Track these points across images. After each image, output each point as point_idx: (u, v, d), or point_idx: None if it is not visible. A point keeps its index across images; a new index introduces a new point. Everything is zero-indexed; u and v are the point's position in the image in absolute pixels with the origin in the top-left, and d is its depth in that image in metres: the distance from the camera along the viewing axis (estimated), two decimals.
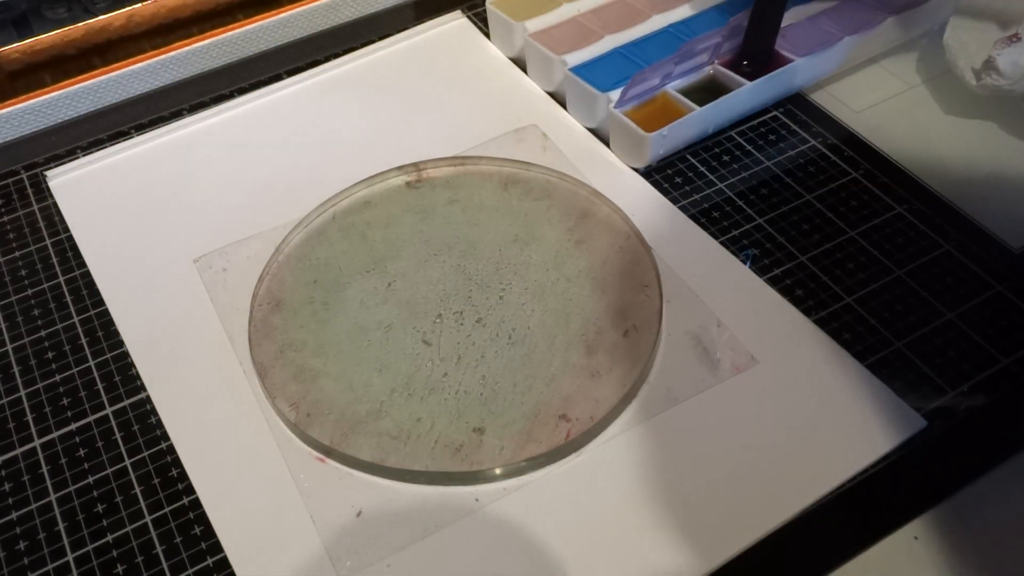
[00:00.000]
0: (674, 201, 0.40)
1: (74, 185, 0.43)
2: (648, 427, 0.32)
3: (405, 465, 0.31)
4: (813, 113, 0.43)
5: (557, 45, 0.44)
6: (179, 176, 0.43)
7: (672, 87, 0.42)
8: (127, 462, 0.33)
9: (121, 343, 0.36)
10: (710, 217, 0.39)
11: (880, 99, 0.44)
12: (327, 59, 0.49)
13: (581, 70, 0.43)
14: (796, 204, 0.39)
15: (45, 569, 0.30)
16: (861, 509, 0.30)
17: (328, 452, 0.32)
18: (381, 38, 0.50)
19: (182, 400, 0.34)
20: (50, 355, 0.36)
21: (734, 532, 0.29)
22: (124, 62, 0.48)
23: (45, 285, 0.39)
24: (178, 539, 0.30)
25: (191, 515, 0.31)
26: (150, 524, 0.31)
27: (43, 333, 0.37)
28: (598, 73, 0.42)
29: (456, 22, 0.51)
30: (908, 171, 0.40)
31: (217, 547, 0.30)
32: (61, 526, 0.31)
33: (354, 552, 0.29)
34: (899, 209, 0.39)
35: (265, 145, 0.44)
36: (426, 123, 0.45)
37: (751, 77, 0.41)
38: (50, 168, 0.44)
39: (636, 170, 0.41)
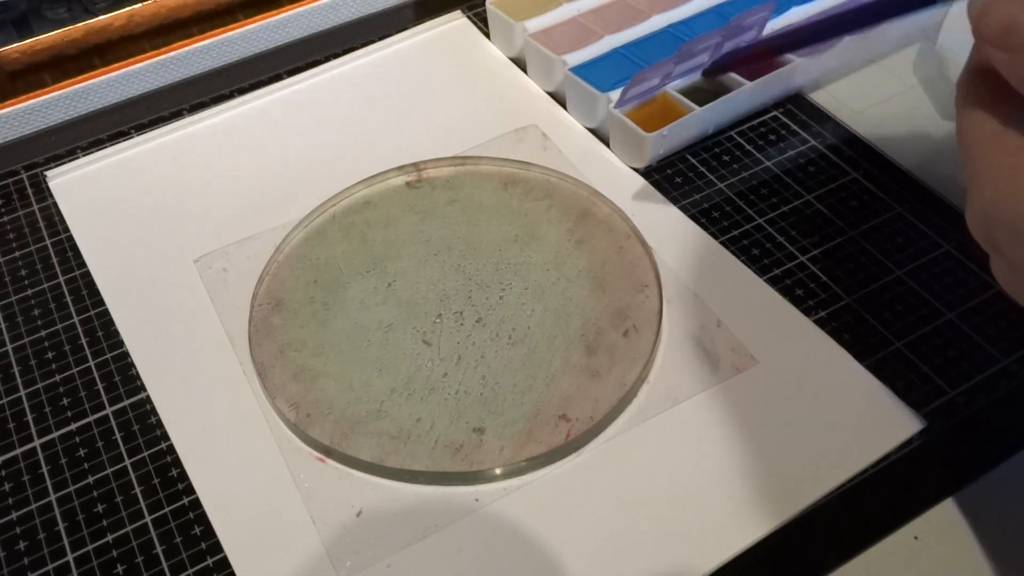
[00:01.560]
0: (674, 201, 0.40)
1: (74, 185, 0.43)
2: (648, 427, 0.32)
3: (405, 465, 0.31)
4: (813, 113, 0.43)
5: (557, 45, 0.44)
6: (179, 176, 0.43)
7: (672, 87, 0.42)
8: (127, 462, 0.33)
9: (121, 343, 0.36)
10: (710, 217, 0.39)
11: (880, 99, 0.44)
12: (327, 59, 0.49)
13: (581, 70, 0.43)
14: (796, 204, 0.39)
15: (45, 569, 0.30)
16: (861, 509, 0.30)
17: (328, 452, 0.32)
18: (381, 38, 0.50)
19: (182, 400, 0.34)
20: (50, 355, 0.36)
21: (734, 532, 0.29)
22: (124, 62, 0.48)
23: (45, 285, 0.39)
24: (178, 539, 0.30)
25: (191, 515, 0.31)
26: (150, 524, 0.31)
27: (43, 333, 0.37)
28: (598, 73, 0.42)
29: (456, 22, 0.51)
30: (908, 171, 0.40)
31: (217, 547, 0.30)
32: (61, 526, 0.31)
33: (354, 552, 0.29)
34: (899, 209, 0.39)
35: (265, 145, 0.44)
36: (426, 123, 0.45)
37: (752, 77, 0.41)
38: (50, 168, 0.44)
39: (636, 170, 0.41)
